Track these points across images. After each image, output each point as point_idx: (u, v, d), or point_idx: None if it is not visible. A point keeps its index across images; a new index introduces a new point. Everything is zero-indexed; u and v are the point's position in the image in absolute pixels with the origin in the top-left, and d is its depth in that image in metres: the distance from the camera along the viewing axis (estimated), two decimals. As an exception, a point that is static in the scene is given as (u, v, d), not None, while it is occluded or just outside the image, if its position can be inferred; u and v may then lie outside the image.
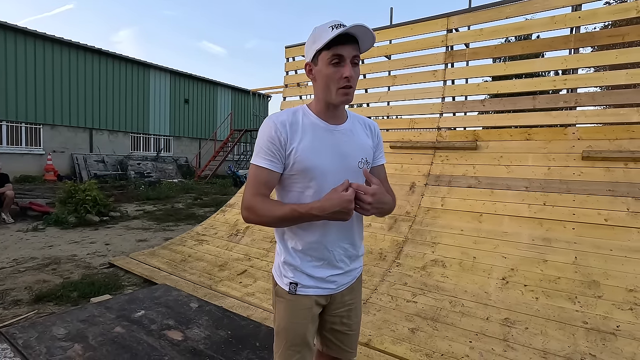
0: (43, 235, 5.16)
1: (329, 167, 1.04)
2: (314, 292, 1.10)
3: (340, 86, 1.00)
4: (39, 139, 13.16)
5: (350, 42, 0.99)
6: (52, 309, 2.76)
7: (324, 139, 1.06)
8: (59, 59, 13.43)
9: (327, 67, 1.00)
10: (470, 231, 3.04)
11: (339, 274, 1.12)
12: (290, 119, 1.06)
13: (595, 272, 2.38)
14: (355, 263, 1.17)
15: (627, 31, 3.13)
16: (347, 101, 1.03)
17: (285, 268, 1.11)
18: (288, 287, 1.10)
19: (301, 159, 1.02)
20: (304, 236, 1.07)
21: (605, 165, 2.91)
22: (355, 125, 1.14)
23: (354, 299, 1.20)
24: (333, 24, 0.98)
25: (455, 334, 2.19)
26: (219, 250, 3.87)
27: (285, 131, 1.03)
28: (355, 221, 1.13)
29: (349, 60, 0.99)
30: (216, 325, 2.34)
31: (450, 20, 4.03)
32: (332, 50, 0.98)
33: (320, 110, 1.08)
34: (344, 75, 0.99)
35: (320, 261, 1.09)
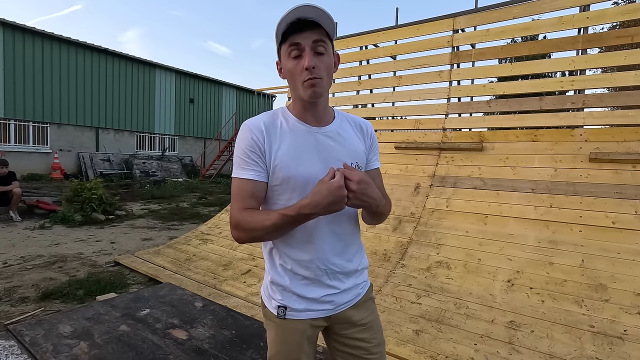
0: (50, 233, 5.21)
1: (313, 176, 0.90)
2: (306, 315, 0.97)
3: (303, 79, 0.88)
4: (46, 137, 13.29)
5: (308, 27, 0.87)
6: (59, 307, 2.79)
7: (306, 143, 0.94)
8: (65, 59, 13.56)
9: (288, 61, 0.91)
10: (475, 233, 3.02)
11: (334, 294, 0.98)
12: (267, 122, 0.95)
13: (602, 275, 2.36)
14: (354, 279, 1.02)
15: (636, 32, 3.09)
16: (315, 94, 0.89)
17: (273, 289, 1.00)
18: (276, 310, 0.98)
19: (281, 167, 0.92)
20: (292, 253, 0.96)
21: (613, 167, 2.88)
22: (343, 126, 1.02)
23: (366, 318, 1.03)
24: (288, 10, 0.87)
25: (460, 336, 2.18)
26: (223, 250, 3.88)
27: (262, 135, 0.93)
28: (349, 233, 1.01)
29: (309, 48, 0.87)
30: (220, 324, 2.35)
31: (457, 20, 4.01)
32: (288, 41, 0.89)
33: (299, 111, 0.97)
34: (304, 66, 0.87)
35: (311, 280, 0.96)
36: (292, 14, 0.86)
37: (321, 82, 0.89)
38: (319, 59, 0.89)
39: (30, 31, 12.52)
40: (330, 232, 0.96)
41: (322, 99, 0.95)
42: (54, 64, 13.21)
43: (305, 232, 0.94)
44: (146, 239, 5.09)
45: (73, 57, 13.78)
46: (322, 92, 0.91)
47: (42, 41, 12.87)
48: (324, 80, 0.90)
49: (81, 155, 13.73)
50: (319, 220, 0.93)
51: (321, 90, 0.91)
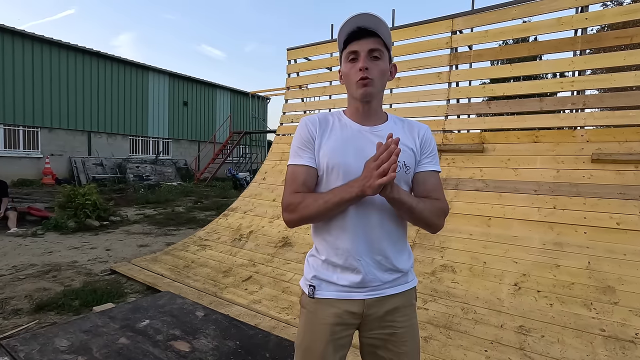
0: (42, 240, 5.08)
1: (355, 168, 0.94)
2: (336, 294, 0.99)
3: (357, 79, 0.97)
4: (36, 142, 13.06)
5: (365, 36, 0.96)
6: (54, 319, 2.70)
7: (353, 139, 1.00)
8: (56, 62, 13.35)
9: (346, 65, 1.00)
10: (479, 235, 2.99)
11: (368, 288, 0.99)
12: (321, 118, 1.05)
13: (609, 278, 2.34)
14: (390, 275, 1.01)
15: (635, 32, 3.10)
16: (366, 93, 0.97)
17: (309, 269, 1.06)
18: (307, 289, 1.03)
19: (326, 157, 0.99)
20: (331, 242, 1.00)
21: (616, 167, 2.87)
22: (395, 127, 1.05)
23: (398, 320, 1.01)
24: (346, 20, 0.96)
25: (470, 342, 2.14)
26: (222, 256, 3.81)
27: (315, 128, 1.02)
28: (387, 230, 1.00)
29: (364, 53, 0.96)
30: (224, 335, 2.28)
31: (455, 21, 4.00)
32: (347, 49, 0.99)
33: (352, 112, 1.05)
34: (358, 68, 0.96)
35: (345, 269, 0.99)
36: (352, 22, 0.95)
37: (373, 83, 0.97)
38: (373, 62, 0.97)
39: (19, 34, 12.30)
40: (369, 225, 0.98)
41: (374, 102, 1.02)
42: (44, 68, 13.00)
43: (345, 222, 0.97)
44: (142, 245, 4.99)
45: (64, 61, 13.57)
46: (373, 92, 0.98)
47: (32, 44, 12.66)
48: (376, 82, 0.98)
49: (73, 160, 13.51)
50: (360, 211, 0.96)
51: (372, 90, 0.98)
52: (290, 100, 5.58)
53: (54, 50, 13.29)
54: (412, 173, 1.03)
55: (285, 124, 5.44)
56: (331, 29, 5.25)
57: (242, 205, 4.72)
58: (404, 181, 1.01)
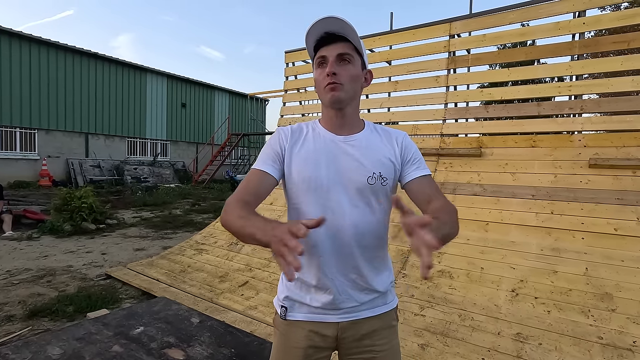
0: (38, 244, 5.04)
1: (327, 181, 0.92)
2: (307, 317, 0.95)
3: (324, 84, 0.92)
4: (33, 143, 13.00)
5: (333, 41, 0.91)
6: (47, 325, 2.67)
7: (326, 149, 0.95)
8: (54, 63, 13.30)
9: (316, 71, 0.96)
10: (476, 240, 2.98)
11: (342, 310, 0.95)
12: (295, 128, 1.02)
13: (607, 284, 2.33)
14: (367, 295, 0.96)
15: (632, 37, 3.11)
16: (334, 98, 0.91)
17: (282, 288, 1.02)
18: (280, 309, 0.99)
19: (297, 169, 0.94)
20: (304, 259, 0.93)
21: (613, 173, 2.87)
22: (372, 136, 1.00)
23: (377, 344, 0.96)
24: (313, 24, 0.90)
25: (467, 350, 2.12)
26: (219, 260, 3.78)
27: (287, 138, 0.98)
28: (363, 247, 0.94)
29: (332, 59, 0.91)
30: (219, 342, 2.25)
31: (453, 25, 3.99)
32: (317, 54, 0.95)
33: (326, 121, 1.00)
34: (326, 73, 0.91)
35: (318, 289, 0.94)
36: (318, 27, 0.90)
37: (341, 87, 0.91)
38: (342, 67, 0.91)
39: (17, 35, 12.25)
40: (344, 242, 0.93)
41: (347, 108, 0.96)
42: (42, 69, 12.95)
43: (318, 238, 0.92)
44: (139, 249, 4.95)
45: (62, 62, 13.53)
46: (342, 97, 0.92)
47: (29, 45, 12.62)
48: (346, 87, 0.92)
49: (70, 162, 13.46)
50: (334, 227, 0.91)
51: (341, 95, 0.92)
52: (288, 103, 5.57)
53: (52, 52, 13.24)
54: (389, 185, 0.96)
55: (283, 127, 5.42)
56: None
57: (239, 208, 4.69)
58: (381, 193, 0.95)
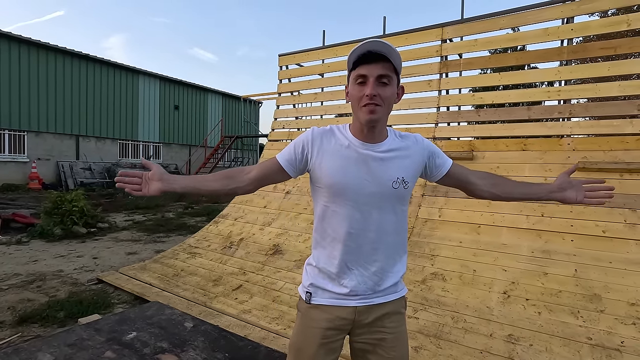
0: (27, 249, 4.96)
1: (353, 186, 1.03)
2: (330, 301, 1.07)
3: (363, 104, 0.99)
4: (23, 146, 12.80)
5: (375, 60, 0.97)
6: (37, 331, 2.63)
7: (353, 157, 1.04)
8: (44, 64, 13.13)
9: (353, 87, 1.02)
10: (469, 243, 3.02)
11: (359, 296, 1.06)
12: (327, 131, 1.09)
13: (596, 285, 2.37)
14: (381, 285, 1.07)
15: (619, 43, 3.18)
16: (371, 119, 1.00)
17: (307, 276, 1.12)
18: (305, 295, 1.10)
19: (326, 175, 1.04)
20: (327, 252, 1.08)
21: (601, 176, 2.92)
22: (395, 142, 1.09)
23: (387, 326, 1.07)
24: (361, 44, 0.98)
25: (460, 352, 2.14)
26: (212, 264, 3.76)
27: (319, 140, 1.07)
28: (383, 242, 1.06)
29: (373, 79, 0.98)
30: (213, 347, 2.24)
31: (445, 30, 4.05)
32: (356, 71, 1.00)
33: (356, 129, 1.07)
34: (365, 94, 0.98)
35: (339, 278, 1.06)
36: (364, 46, 0.97)
37: (379, 110, 0.99)
38: (381, 88, 0.99)
39: (5, 36, 12.08)
40: (366, 237, 1.04)
41: (378, 124, 1.04)
42: (31, 70, 12.77)
43: (342, 233, 1.04)
44: (131, 253, 4.91)
45: (52, 63, 13.36)
46: (378, 118, 1.01)
47: (18, 46, 12.45)
48: (383, 108, 1.00)
49: (61, 164, 13.27)
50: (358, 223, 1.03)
51: (378, 117, 1.00)
52: (281, 106, 5.58)
53: (42, 53, 13.08)
54: (410, 187, 1.07)
55: (276, 130, 5.43)
56: (323, 36, 5.29)
57: (232, 211, 4.68)
58: (403, 195, 1.06)
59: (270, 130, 5.52)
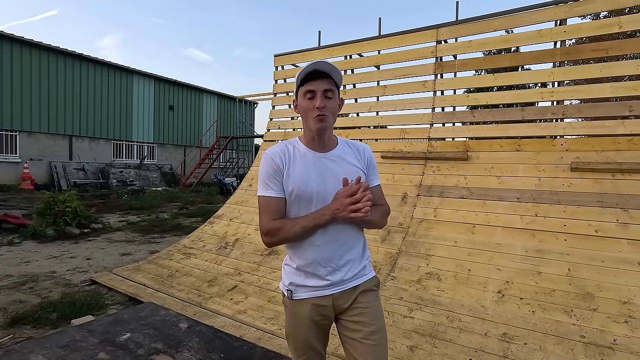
0: (19, 249, 4.90)
1: (318, 192, 1.17)
2: (309, 294, 1.20)
3: (314, 115, 1.15)
4: (15, 146, 12.64)
5: (321, 77, 1.15)
6: (30, 333, 2.59)
7: (313, 166, 1.19)
8: (37, 64, 12.99)
9: (303, 101, 1.18)
10: (464, 243, 3.03)
11: (334, 286, 1.19)
12: (283, 150, 1.21)
13: (589, 284, 2.40)
14: (354, 268, 1.21)
15: (610, 45, 3.23)
16: (323, 128, 1.16)
17: (286, 276, 1.26)
18: (286, 292, 1.24)
19: (294, 186, 1.16)
20: (302, 253, 1.20)
21: (594, 176, 2.96)
22: (344, 150, 1.25)
23: (361, 301, 1.20)
24: (307, 64, 1.15)
25: (455, 351, 2.15)
26: (207, 265, 3.74)
27: (281, 160, 1.19)
28: (347, 241, 1.20)
29: (320, 92, 1.14)
30: (208, 347, 2.23)
31: (440, 31, 4.07)
32: (305, 87, 1.16)
33: (308, 140, 1.22)
34: (315, 106, 1.14)
35: (314, 275, 1.19)
36: (311, 66, 1.14)
37: (327, 119, 1.16)
38: (327, 101, 1.16)
39: (-2, 35, 11.95)
40: (332, 237, 1.18)
41: (327, 132, 1.20)
42: (24, 70, 12.63)
43: (313, 237, 1.17)
44: (125, 254, 4.86)
45: (45, 63, 13.22)
46: (327, 126, 1.17)
47: (10, 45, 12.30)
48: (329, 118, 1.17)
49: (53, 165, 13.13)
50: (323, 234, 1.17)
51: (327, 125, 1.17)
52: (277, 107, 5.57)
53: (34, 52, 12.94)
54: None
55: (272, 130, 5.42)
56: (319, 36, 5.29)
57: (228, 212, 4.66)
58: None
59: (266, 131, 5.52)
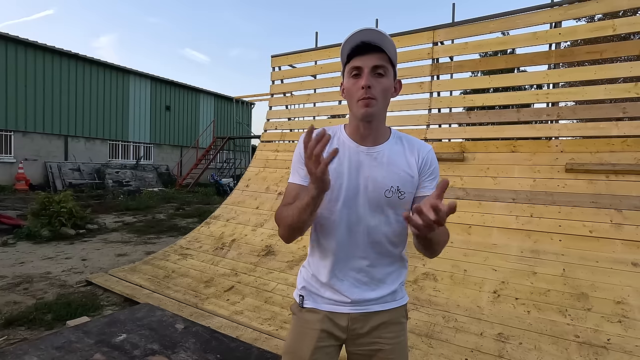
0: (14, 250, 4.86)
1: (348, 191, 0.96)
2: (322, 307, 1.01)
3: (359, 97, 0.92)
4: (9, 146, 12.55)
5: (369, 51, 0.91)
6: (24, 334, 2.57)
7: (349, 161, 0.97)
8: (32, 63, 12.91)
9: (348, 81, 0.96)
10: (460, 243, 3.05)
11: (352, 303, 1.00)
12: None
13: (583, 284, 2.42)
14: (375, 293, 1.00)
15: (605, 48, 3.26)
16: (367, 113, 0.92)
17: (300, 279, 1.09)
18: (298, 298, 1.07)
19: None
20: (320, 259, 1.04)
21: (588, 177, 2.99)
22: (396, 148, 1.01)
23: (383, 337, 1.00)
24: (352, 33, 0.90)
25: (451, 351, 2.16)
26: (204, 265, 3.74)
27: None
28: (375, 250, 0.99)
29: (368, 70, 0.91)
30: (204, 348, 2.22)
31: (436, 33, 4.09)
32: (350, 64, 0.94)
33: (352, 129, 1.01)
34: (360, 85, 0.91)
35: (329, 286, 1.01)
36: (356, 36, 0.90)
37: (375, 103, 0.92)
38: (377, 80, 0.91)
39: (-8, 34, 11.86)
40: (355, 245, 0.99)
41: (375, 120, 0.97)
42: (19, 69, 12.54)
43: (333, 241, 0.99)
44: (121, 254, 4.84)
45: (40, 62, 13.14)
46: (374, 112, 0.93)
47: (5, 45, 12.21)
48: (379, 101, 0.92)
49: (48, 165, 13.04)
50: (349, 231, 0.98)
51: (374, 110, 0.93)
52: (274, 107, 5.57)
53: (30, 52, 12.85)
54: (407, 198, 0.98)
55: (269, 131, 5.42)
56: (316, 37, 5.31)
57: (224, 212, 4.65)
58: (399, 206, 0.97)
59: (263, 132, 5.51)
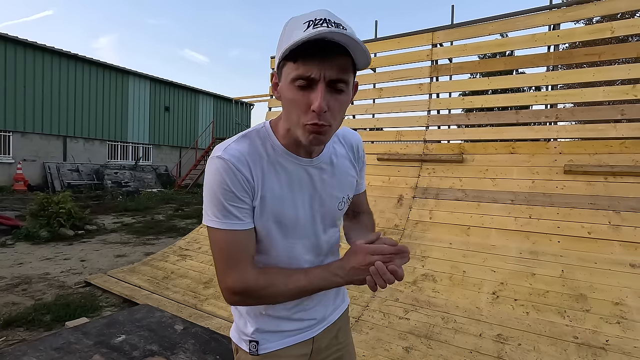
0: (12, 251, 4.85)
1: (300, 218, 0.77)
2: (285, 344, 0.82)
3: (307, 122, 0.64)
4: (8, 146, 12.52)
5: (330, 54, 0.61)
6: (23, 335, 2.57)
7: (296, 179, 0.76)
8: (31, 64, 12.89)
9: (290, 88, 0.64)
10: (459, 244, 3.06)
11: (320, 320, 0.88)
12: (252, 152, 0.73)
13: (582, 286, 2.43)
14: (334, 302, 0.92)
15: (603, 50, 3.27)
16: (317, 141, 0.67)
17: (245, 321, 0.83)
18: (248, 345, 0.81)
19: (271, 207, 0.73)
20: None
21: (586, 179, 3.00)
22: (336, 149, 0.83)
23: (341, 341, 0.93)
24: (313, 17, 0.61)
25: (450, 352, 2.17)
26: (203, 266, 3.73)
27: (249, 169, 0.71)
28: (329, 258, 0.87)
29: (324, 85, 0.62)
30: (203, 349, 2.22)
31: (436, 35, 4.11)
32: (297, 66, 0.62)
33: (289, 143, 0.75)
34: (312, 107, 0.63)
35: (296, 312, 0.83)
36: (315, 30, 0.59)
37: (329, 130, 0.66)
38: (334, 98, 0.64)
39: (-9, 35, 11.84)
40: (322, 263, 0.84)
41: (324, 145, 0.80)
42: (18, 70, 12.52)
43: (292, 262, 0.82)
44: (120, 255, 4.83)
45: (39, 63, 13.12)
46: (325, 140, 0.69)
47: (4, 45, 12.19)
48: (333, 127, 0.67)
49: (47, 166, 13.00)
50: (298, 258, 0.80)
51: (325, 139, 0.68)
52: (273, 108, 5.58)
53: (29, 52, 12.83)
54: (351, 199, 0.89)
55: (268, 132, 5.42)
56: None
57: (224, 213, 4.65)
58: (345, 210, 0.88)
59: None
